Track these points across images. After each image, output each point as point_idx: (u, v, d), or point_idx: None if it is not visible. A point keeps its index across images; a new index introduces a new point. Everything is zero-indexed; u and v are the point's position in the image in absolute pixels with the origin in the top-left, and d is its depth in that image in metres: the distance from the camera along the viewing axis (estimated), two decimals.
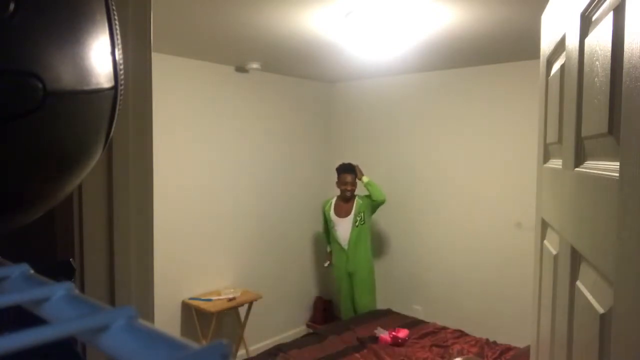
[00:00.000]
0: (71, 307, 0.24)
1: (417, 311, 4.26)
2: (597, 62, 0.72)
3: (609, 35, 0.65)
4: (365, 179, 4.17)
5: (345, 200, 4.19)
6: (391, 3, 2.34)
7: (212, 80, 3.88)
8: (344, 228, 4.19)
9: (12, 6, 0.27)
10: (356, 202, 4.15)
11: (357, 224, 4.15)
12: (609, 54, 0.65)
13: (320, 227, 4.61)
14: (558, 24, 1.07)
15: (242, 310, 3.98)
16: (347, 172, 4.17)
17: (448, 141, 4.14)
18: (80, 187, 0.89)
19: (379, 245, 4.62)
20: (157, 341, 0.21)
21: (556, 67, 1.12)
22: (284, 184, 4.50)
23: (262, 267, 4.32)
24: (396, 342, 3.41)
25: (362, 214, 4.13)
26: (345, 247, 4.17)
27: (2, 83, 0.28)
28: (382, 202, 4.12)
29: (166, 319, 3.64)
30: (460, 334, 3.64)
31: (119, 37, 0.36)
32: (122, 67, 0.37)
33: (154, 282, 1.05)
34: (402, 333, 3.47)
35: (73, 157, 0.35)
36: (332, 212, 4.26)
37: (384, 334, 3.47)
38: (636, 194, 0.54)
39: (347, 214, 4.18)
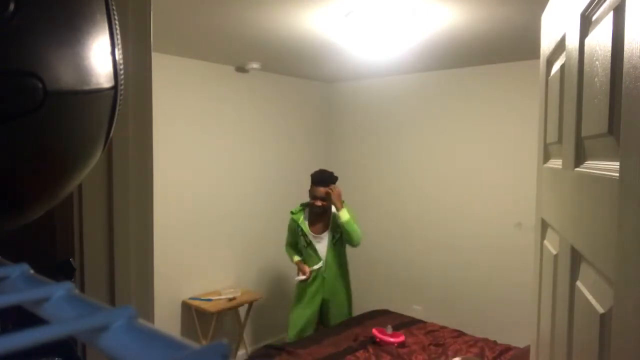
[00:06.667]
0: (71, 307, 0.24)
1: (417, 311, 4.26)
2: (597, 62, 0.72)
3: (609, 35, 0.65)
4: (344, 215, 3.34)
5: (318, 213, 3.51)
6: (391, 3, 2.35)
7: (212, 80, 3.89)
8: (321, 246, 3.49)
9: (12, 6, 0.27)
10: (333, 215, 3.45)
11: (334, 240, 3.46)
12: (609, 54, 0.65)
13: None
14: (558, 24, 1.07)
15: (242, 310, 3.99)
16: (321, 184, 3.40)
17: (448, 141, 4.14)
18: (80, 187, 0.89)
19: (378, 245, 4.62)
20: (157, 341, 0.21)
21: (556, 67, 1.12)
22: (284, 184, 4.50)
23: (262, 267, 4.32)
24: (395, 342, 3.41)
25: (340, 231, 3.43)
26: (322, 268, 3.51)
27: (2, 83, 0.28)
28: (356, 246, 3.46)
29: (166, 319, 3.64)
30: (460, 334, 3.63)
31: (119, 37, 0.36)
32: (122, 67, 0.37)
33: (154, 282, 1.05)
34: (400, 337, 3.47)
35: (73, 157, 0.35)
36: (306, 225, 3.50)
37: (386, 334, 3.47)
38: (636, 194, 0.54)
39: (323, 229, 3.51)
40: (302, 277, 3.52)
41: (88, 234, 0.91)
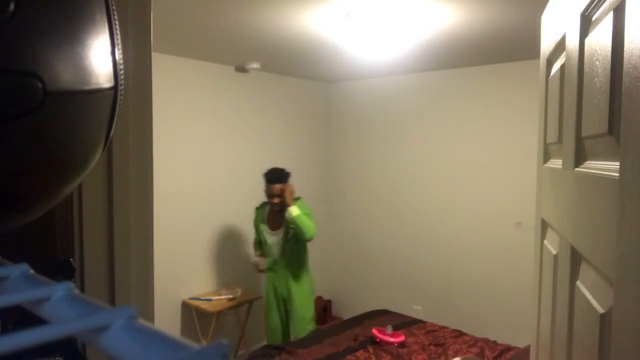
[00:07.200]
0: (71, 307, 0.24)
1: (417, 311, 4.27)
2: (597, 62, 0.72)
3: (609, 35, 0.65)
4: (294, 210, 3.36)
5: (276, 210, 3.51)
6: (391, 3, 2.34)
7: (212, 80, 3.89)
8: (275, 242, 3.52)
9: (12, 6, 0.27)
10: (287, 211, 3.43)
11: (287, 237, 3.43)
12: (609, 54, 0.65)
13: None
14: (558, 24, 1.07)
15: (242, 310, 3.98)
16: (276, 181, 3.44)
17: (448, 141, 4.14)
18: (80, 187, 0.89)
19: (378, 245, 4.62)
20: (157, 341, 0.21)
21: (556, 67, 1.12)
22: None
23: None
24: (395, 342, 3.41)
25: (294, 228, 3.40)
26: (275, 265, 3.55)
27: (2, 83, 0.28)
28: (309, 240, 3.43)
29: (166, 319, 3.64)
30: (460, 334, 3.63)
31: (119, 37, 0.36)
32: (122, 67, 0.37)
33: (154, 282, 1.05)
34: (400, 337, 3.47)
35: (73, 157, 0.35)
36: (265, 221, 3.56)
37: (386, 334, 3.47)
38: (636, 194, 0.54)
39: (279, 226, 3.49)
40: (257, 261, 3.57)
41: (88, 234, 0.91)
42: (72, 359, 0.54)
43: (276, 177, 3.47)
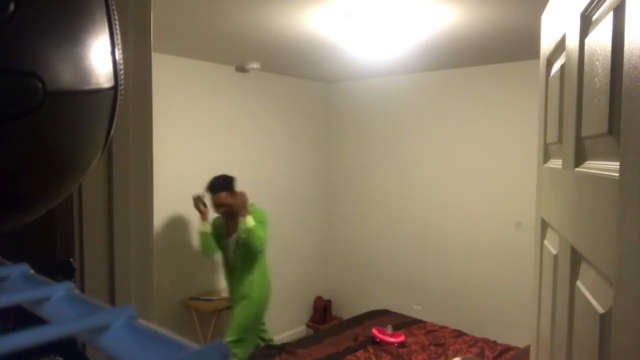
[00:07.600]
0: (71, 307, 0.24)
1: (417, 311, 4.26)
2: (597, 62, 0.72)
3: (609, 35, 0.65)
4: (249, 221, 3.14)
5: (229, 217, 3.32)
6: (391, 3, 2.34)
7: (212, 80, 3.88)
8: (230, 248, 3.36)
9: (12, 6, 0.27)
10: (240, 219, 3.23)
11: (239, 242, 3.24)
12: (609, 54, 0.65)
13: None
14: (558, 24, 1.07)
15: None
16: (217, 190, 3.25)
17: (448, 141, 4.14)
18: (80, 187, 0.89)
19: (378, 244, 4.62)
20: (157, 341, 0.21)
21: (556, 67, 1.12)
22: (284, 184, 4.50)
23: None
24: (395, 342, 3.41)
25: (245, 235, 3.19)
26: (232, 272, 3.39)
27: (2, 83, 0.28)
28: (258, 251, 3.26)
29: (166, 319, 3.64)
30: (460, 334, 3.64)
31: (119, 37, 0.36)
32: (122, 67, 0.37)
33: (153, 282, 1.05)
34: (400, 337, 3.47)
35: (73, 157, 0.35)
36: (222, 227, 3.40)
37: (386, 334, 3.47)
38: (636, 194, 0.54)
39: (233, 232, 3.32)
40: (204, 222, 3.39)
41: (88, 234, 0.91)
42: (72, 359, 0.54)
43: (218, 185, 3.28)
